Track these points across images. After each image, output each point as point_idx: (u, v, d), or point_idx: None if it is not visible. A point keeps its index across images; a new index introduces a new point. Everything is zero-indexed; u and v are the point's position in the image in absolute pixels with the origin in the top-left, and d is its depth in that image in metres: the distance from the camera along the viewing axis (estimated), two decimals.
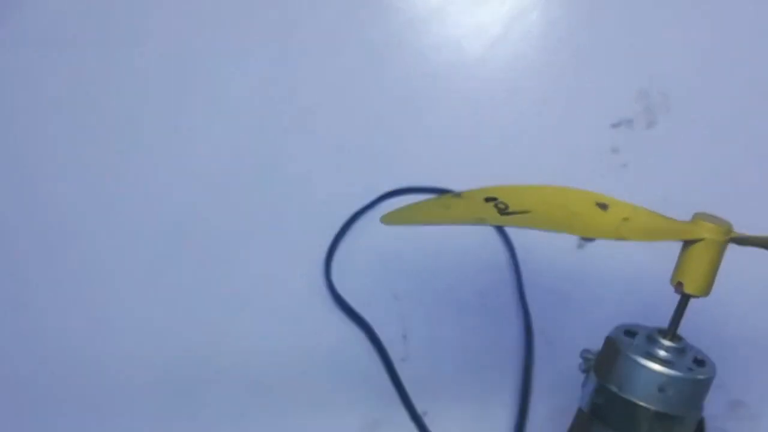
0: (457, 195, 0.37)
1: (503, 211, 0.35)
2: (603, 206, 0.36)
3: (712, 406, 0.51)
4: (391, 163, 0.59)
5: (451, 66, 0.60)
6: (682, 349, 0.37)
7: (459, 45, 0.61)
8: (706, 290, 0.36)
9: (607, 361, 0.37)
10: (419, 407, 0.52)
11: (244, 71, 0.61)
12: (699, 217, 0.37)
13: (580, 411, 0.39)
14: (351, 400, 0.54)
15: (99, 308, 0.57)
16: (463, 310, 0.55)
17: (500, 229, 0.57)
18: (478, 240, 0.57)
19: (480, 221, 0.35)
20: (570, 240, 0.56)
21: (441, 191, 0.57)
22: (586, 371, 0.40)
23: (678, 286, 0.36)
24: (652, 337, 0.37)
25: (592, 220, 0.35)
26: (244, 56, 0.62)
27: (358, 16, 0.62)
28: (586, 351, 0.40)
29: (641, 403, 0.36)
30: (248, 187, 0.59)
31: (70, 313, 0.57)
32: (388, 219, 0.38)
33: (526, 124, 0.59)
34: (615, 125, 0.58)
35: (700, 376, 0.36)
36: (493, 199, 0.36)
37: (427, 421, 0.52)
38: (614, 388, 0.36)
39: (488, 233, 0.57)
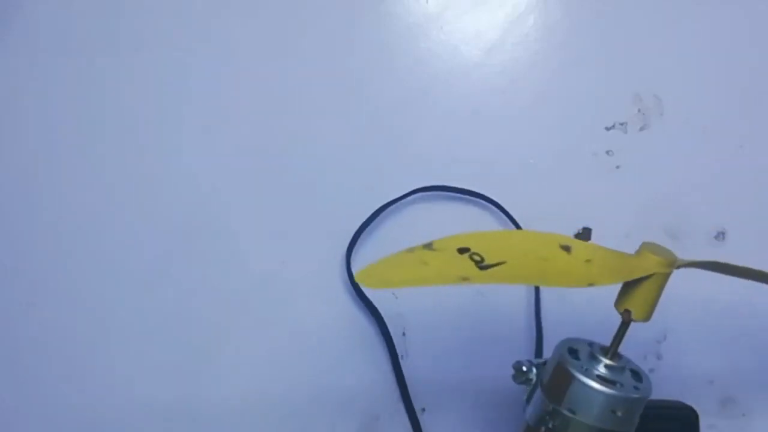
0: (429, 247, 0.36)
1: (480, 264, 0.34)
2: (566, 248, 0.37)
3: (704, 404, 0.52)
4: (390, 165, 0.59)
5: (449, 71, 0.60)
6: (622, 367, 0.39)
7: (457, 50, 0.61)
8: (650, 316, 0.39)
9: (558, 385, 0.38)
10: (418, 404, 0.53)
11: (247, 75, 0.61)
12: (646, 248, 0.38)
13: (528, 428, 0.40)
14: (352, 394, 0.54)
15: (106, 306, 0.58)
16: (462, 307, 0.55)
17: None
18: None
19: (463, 280, 0.34)
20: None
21: (473, 193, 0.58)
22: (522, 383, 0.41)
23: (625, 313, 0.38)
24: (594, 357, 0.39)
25: (561, 266, 0.36)
26: (246, 61, 0.62)
27: (358, 23, 0.62)
28: (518, 362, 0.41)
29: (596, 425, 0.37)
30: (248, 187, 0.59)
31: (74, 312, 0.58)
32: (364, 279, 0.35)
33: (522, 126, 0.59)
34: (609, 128, 0.59)
35: (644, 394, 0.38)
36: (467, 249, 0.35)
37: (426, 417, 0.53)
38: (567, 412, 0.38)
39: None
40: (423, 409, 0.53)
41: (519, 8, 0.61)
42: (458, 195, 0.57)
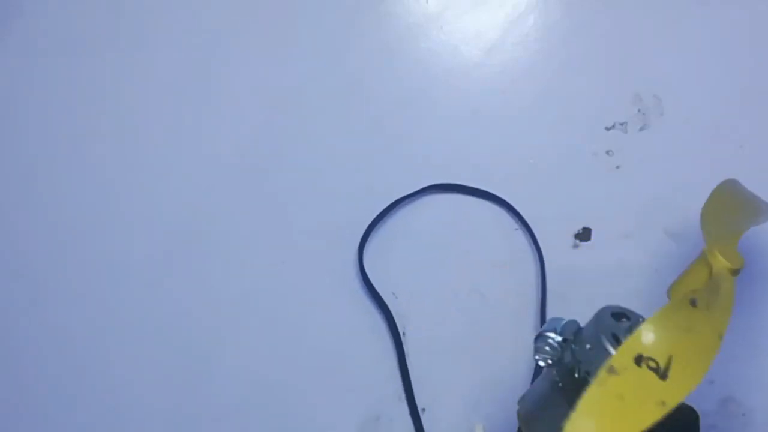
0: (612, 371, 0.35)
1: (660, 372, 0.35)
2: (693, 302, 0.38)
3: (704, 403, 0.52)
4: (390, 165, 0.59)
5: (449, 71, 0.60)
6: (634, 327, 0.39)
7: (457, 50, 0.61)
8: None
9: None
10: (418, 404, 0.53)
11: (249, 76, 0.61)
12: (715, 251, 0.40)
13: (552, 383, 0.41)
14: (355, 392, 0.54)
15: (105, 306, 0.58)
16: (462, 307, 0.55)
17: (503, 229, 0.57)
18: (477, 239, 0.57)
19: (663, 406, 0.35)
20: (566, 240, 0.57)
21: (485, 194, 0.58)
22: (543, 359, 0.41)
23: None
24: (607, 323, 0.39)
25: (701, 332, 0.37)
26: (249, 60, 0.62)
27: (359, 23, 0.62)
28: (544, 338, 0.41)
29: None
30: (252, 185, 0.60)
31: (74, 312, 0.58)
32: None
33: (523, 126, 0.59)
34: (609, 128, 0.59)
35: None
36: (641, 358, 0.36)
37: (426, 417, 0.53)
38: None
39: (490, 231, 0.57)
40: (423, 409, 0.53)
41: (519, 8, 0.61)
42: (467, 195, 0.57)
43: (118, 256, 0.59)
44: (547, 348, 0.41)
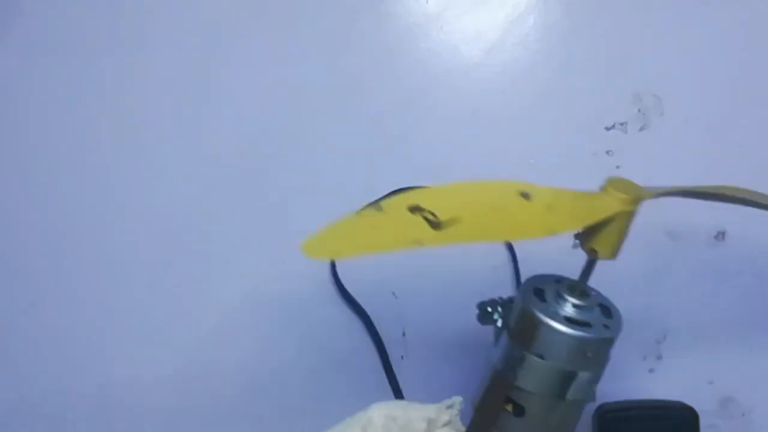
0: (378, 207, 0.33)
1: (434, 223, 0.32)
2: (526, 195, 0.35)
3: (704, 403, 0.52)
4: (390, 165, 0.59)
5: (449, 71, 0.60)
6: (591, 305, 0.37)
7: (457, 50, 0.61)
8: (617, 254, 0.37)
9: (525, 330, 0.36)
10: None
11: (249, 75, 0.61)
12: (610, 185, 0.37)
13: (497, 372, 0.38)
14: (349, 395, 0.54)
15: (105, 306, 0.58)
16: (462, 308, 0.55)
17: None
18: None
19: (416, 243, 0.31)
20: (565, 240, 0.57)
21: None
22: (487, 324, 0.40)
23: (591, 252, 0.37)
24: (561, 296, 0.37)
25: (520, 216, 0.34)
26: (249, 60, 0.62)
27: (358, 23, 0.62)
28: (482, 303, 0.40)
29: (566, 368, 0.36)
30: (252, 185, 0.60)
31: (74, 312, 0.58)
32: (311, 249, 0.33)
33: (523, 126, 0.59)
34: (609, 128, 0.59)
35: (614, 333, 0.37)
36: (418, 208, 0.33)
37: None
38: (536, 358, 0.36)
39: None
40: None
41: (519, 8, 0.61)
42: None
43: (117, 256, 0.59)
44: (487, 308, 0.40)
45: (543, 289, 0.38)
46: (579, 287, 0.37)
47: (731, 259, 0.56)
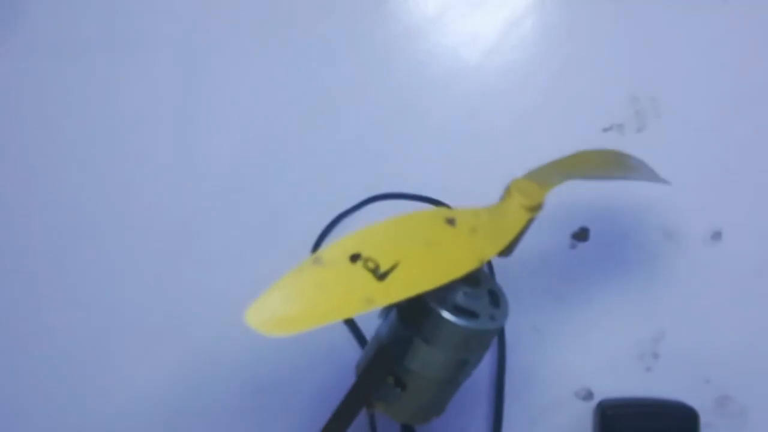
0: (318, 262, 0.32)
1: (378, 273, 0.32)
2: (451, 221, 0.36)
3: (701, 402, 0.52)
4: (387, 167, 0.59)
5: (447, 73, 0.61)
6: (480, 293, 0.38)
7: (456, 52, 0.61)
8: (512, 252, 0.39)
9: (414, 313, 0.37)
10: None
11: (246, 78, 0.61)
12: (514, 189, 0.39)
13: (383, 348, 0.39)
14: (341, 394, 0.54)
15: (103, 310, 0.58)
16: None
17: None
18: None
19: (368, 302, 0.31)
20: (564, 240, 0.57)
21: (430, 200, 0.58)
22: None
23: None
24: (451, 286, 0.37)
25: (450, 248, 0.35)
26: (246, 63, 0.62)
27: (357, 25, 0.62)
28: None
29: (449, 355, 0.37)
30: (249, 189, 0.60)
31: (74, 312, 0.58)
32: (257, 321, 0.31)
33: (520, 128, 0.59)
34: (606, 129, 0.59)
35: (499, 325, 0.38)
36: (358, 256, 0.32)
37: None
38: (422, 341, 0.37)
39: None
40: None
41: (517, 11, 0.61)
42: (415, 202, 0.58)
43: (117, 258, 0.59)
44: None
45: None
46: (472, 274, 0.37)
47: (728, 258, 0.56)
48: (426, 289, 0.33)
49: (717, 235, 0.57)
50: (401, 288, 0.32)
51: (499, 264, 0.57)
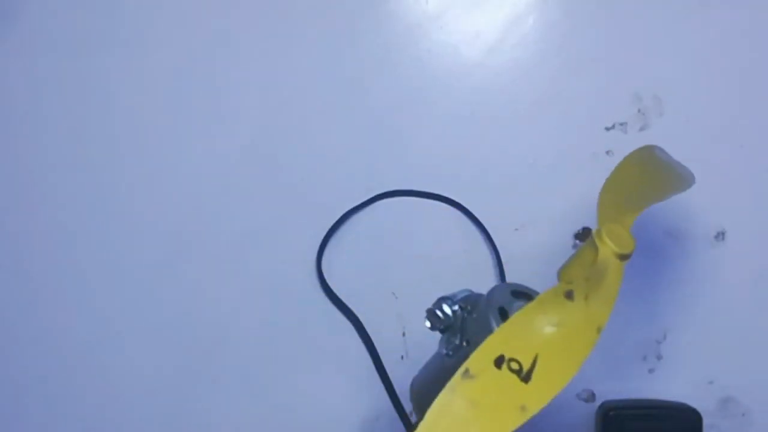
0: (467, 376, 0.32)
1: (522, 375, 0.32)
2: (569, 295, 0.35)
3: (704, 403, 0.52)
4: (389, 165, 0.59)
5: (449, 71, 0.61)
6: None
7: (457, 51, 0.61)
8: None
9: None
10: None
11: (245, 77, 0.61)
12: (608, 236, 0.37)
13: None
14: (352, 393, 0.54)
15: (104, 307, 0.58)
16: None
17: (487, 235, 0.57)
18: (477, 239, 0.57)
19: (523, 411, 0.31)
20: (566, 240, 0.57)
21: (436, 197, 0.58)
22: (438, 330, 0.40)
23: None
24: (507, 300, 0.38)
25: (576, 328, 0.34)
26: (245, 62, 0.62)
27: (358, 24, 0.62)
28: (439, 307, 0.40)
29: None
30: (248, 188, 0.60)
31: (74, 312, 0.58)
32: None
33: (522, 126, 0.59)
34: (609, 128, 0.59)
35: None
36: (502, 359, 0.32)
37: None
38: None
39: (489, 232, 0.57)
40: None
41: (519, 9, 0.61)
42: (425, 199, 0.58)
43: (118, 257, 0.59)
44: (438, 313, 0.40)
45: (506, 310, 0.38)
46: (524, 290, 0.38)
47: (731, 258, 0.56)
48: (567, 381, 0.33)
49: (720, 235, 0.56)
50: (547, 388, 0.32)
51: (493, 268, 0.56)
